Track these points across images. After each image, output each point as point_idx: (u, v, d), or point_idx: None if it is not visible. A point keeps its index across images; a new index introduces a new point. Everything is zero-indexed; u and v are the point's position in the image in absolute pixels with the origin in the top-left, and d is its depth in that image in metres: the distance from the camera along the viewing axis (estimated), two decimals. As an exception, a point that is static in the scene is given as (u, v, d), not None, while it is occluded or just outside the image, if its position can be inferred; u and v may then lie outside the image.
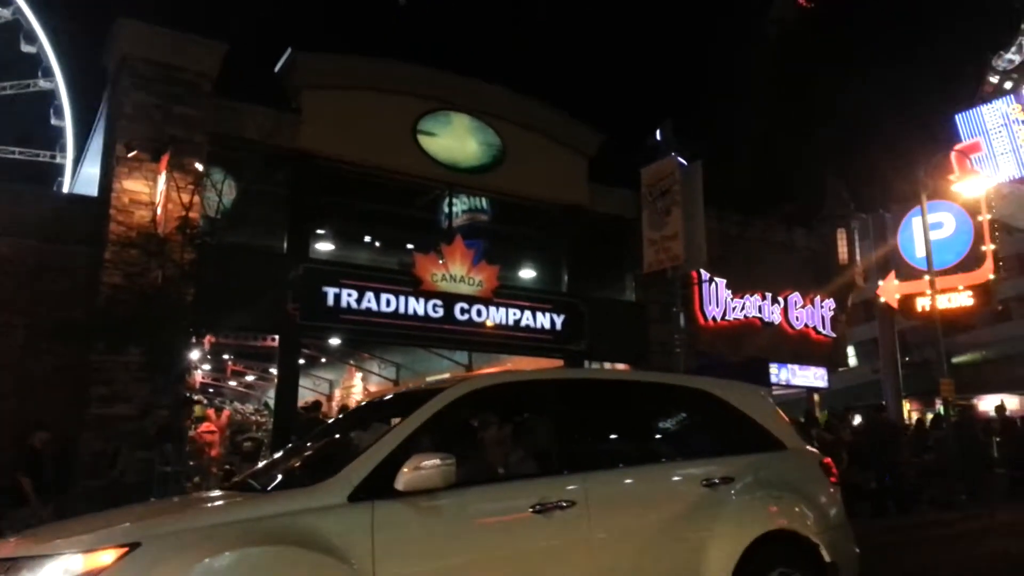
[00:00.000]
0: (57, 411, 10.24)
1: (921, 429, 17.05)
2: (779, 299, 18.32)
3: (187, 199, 10.65)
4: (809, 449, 5.42)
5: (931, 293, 15.56)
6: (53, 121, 35.73)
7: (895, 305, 18.89)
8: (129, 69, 11.57)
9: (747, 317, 17.74)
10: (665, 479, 4.59)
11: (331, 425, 5.65)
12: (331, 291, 12.77)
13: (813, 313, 18.90)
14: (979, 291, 17.78)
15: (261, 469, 4.93)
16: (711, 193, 15.46)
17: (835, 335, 19.45)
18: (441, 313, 13.68)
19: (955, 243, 17.94)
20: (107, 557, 3.11)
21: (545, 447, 4.41)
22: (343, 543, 3.43)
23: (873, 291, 20.03)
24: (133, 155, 11.15)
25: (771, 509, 4.64)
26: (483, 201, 15.49)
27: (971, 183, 17.73)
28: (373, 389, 20.30)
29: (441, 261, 13.72)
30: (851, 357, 34.14)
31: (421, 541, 3.64)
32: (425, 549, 3.64)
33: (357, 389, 21.57)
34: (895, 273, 18.90)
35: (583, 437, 4.59)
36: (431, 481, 3.63)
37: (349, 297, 12.91)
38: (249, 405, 25.81)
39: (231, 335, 17.56)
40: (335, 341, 17.68)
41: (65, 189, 27.16)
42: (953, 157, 19.25)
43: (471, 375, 12.68)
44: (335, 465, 3.80)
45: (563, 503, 3.98)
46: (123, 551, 3.13)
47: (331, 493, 3.60)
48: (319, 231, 14.25)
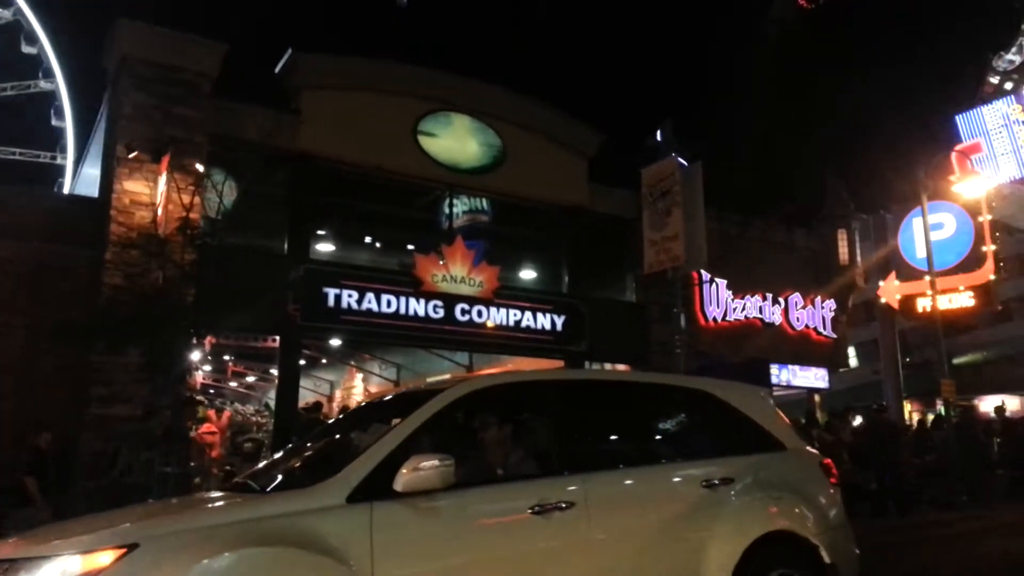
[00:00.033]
0: (57, 411, 10.24)
1: (922, 429, 17.05)
2: (780, 300, 18.30)
3: (187, 200, 10.65)
4: (809, 450, 5.42)
5: (932, 294, 15.57)
6: (53, 122, 35.74)
7: (896, 306, 18.89)
8: (129, 70, 11.57)
9: (748, 318, 17.72)
10: (665, 480, 4.59)
11: (330, 426, 5.65)
12: (332, 292, 12.76)
13: (814, 314, 18.88)
14: (980, 292, 17.77)
15: (260, 470, 4.93)
16: (711, 193, 15.45)
17: (836, 336, 19.42)
18: (442, 314, 13.67)
19: (956, 244, 17.93)
20: (105, 558, 3.11)
21: (545, 448, 4.40)
22: (342, 544, 3.43)
23: (874, 292, 20.02)
24: (133, 156, 11.15)
25: (771, 510, 4.63)
26: (483, 202, 15.48)
27: (972, 184, 17.73)
28: (374, 390, 20.29)
29: (442, 262, 13.71)
30: (852, 358, 33.90)
31: (420, 542, 3.63)
32: (424, 550, 3.63)
33: (358, 390, 21.57)
34: (896, 274, 18.88)
35: (583, 438, 4.58)
36: (430, 482, 3.62)
37: (350, 298, 12.90)
38: (250, 406, 25.78)
39: (232, 336, 17.59)
40: (336, 342, 17.68)
41: (66, 190, 27.17)
42: (953, 157, 19.24)
43: (471, 376, 12.69)
44: (334, 466, 3.79)
45: (562, 504, 3.97)
46: (121, 552, 3.13)
47: (329, 494, 3.59)
48: (319, 232, 14.25)
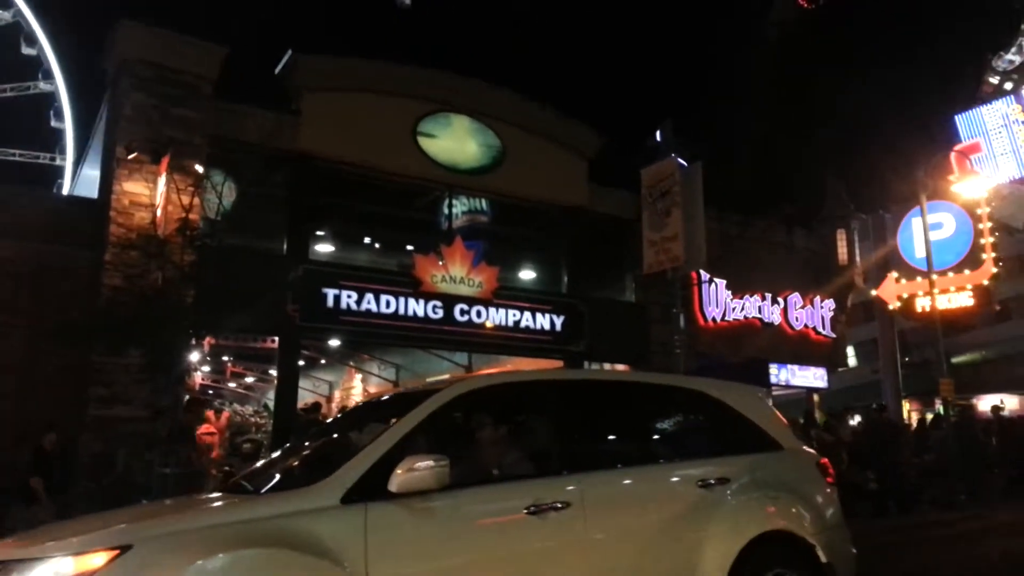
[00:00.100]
0: (58, 412, 10.24)
1: (922, 429, 17.04)
2: (779, 300, 18.29)
3: (187, 201, 10.65)
4: (806, 449, 5.42)
5: (931, 293, 15.56)
6: (53, 123, 35.77)
7: (895, 305, 18.88)
8: (129, 71, 11.58)
9: (747, 318, 17.71)
10: (661, 480, 4.59)
11: (326, 426, 5.65)
12: (331, 292, 12.76)
13: (813, 313, 18.87)
14: (979, 291, 17.77)
15: (255, 470, 4.93)
16: (711, 194, 15.44)
17: (835, 335, 19.42)
18: (441, 314, 13.67)
19: (955, 243, 17.93)
20: (98, 560, 3.10)
21: (541, 448, 4.41)
22: (336, 545, 3.43)
23: (873, 291, 20.02)
24: (133, 157, 11.15)
25: (767, 510, 4.63)
26: (483, 202, 15.47)
27: (971, 183, 17.73)
28: (373, 390, 20.28)
29: (441, 262, 13.70)
30: (851, 357, 34.12)
31: (414, 543, 3.63)
32: (418, 551, 3.63)
33: (357, 390, 21.56)
34: (895, 273, 18.89)
35: (579, 438, 4.58)
36: (425, 483, 3.62)
37: (349, 298, 12.90)
38: (249, 407, 25.76)
39: (231, 336, 17.59)
40: (335, 342, 17.68)
41: (65, 191, 27.17)
42: (953, 158, 19.25)
43: (468, 376, 12.68)
44: (329, 467, 3.79)
45: (558, 504, 3.97)
46: (114, 553, 3.12)
47: (324, 495, 3.59)
48: (319, 232, 14.25)
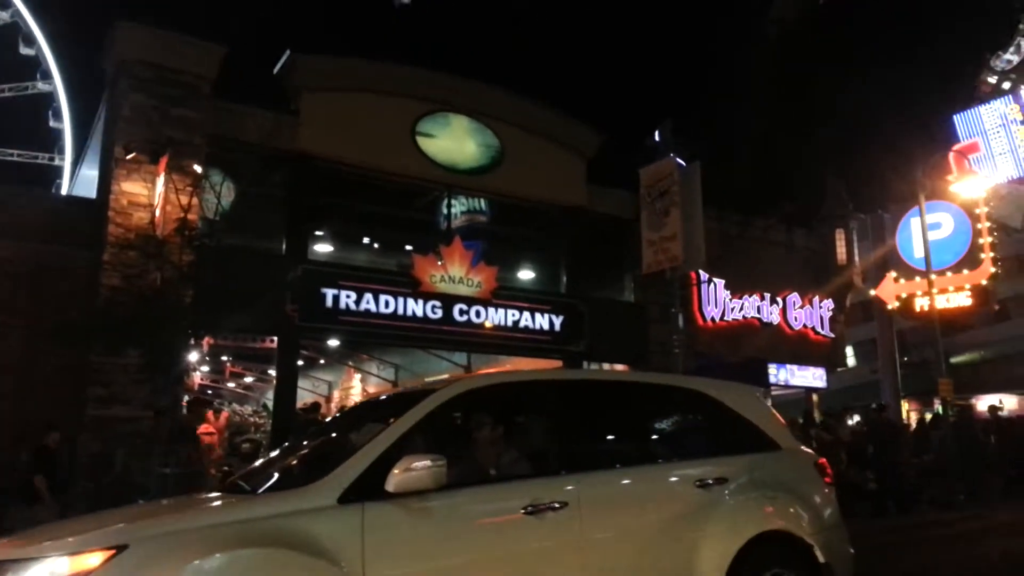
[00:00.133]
0: (57, 412, 10.22)
1: (921, 429, 17.04)
2: (778, 299, 18.29)
3: (186, 201, 10.66)
4: (804, 449, 5.43)
5: (929, 293, 15.56)
6: (52, 123, 35.79)
7: (893, 305, 18.88)
8: (128, 71, 11.58)
9: (746, 317, 17.71)
10: (658, 480, 4.59)
11: (324, 426, 5.64)
12: (330, 292, 12.76)
13: (812, 313, 18.87)
14: (977, 291, 17.78)
15: (253, 470, 4.93)
16: (711, 193, 15.41)
17: (834, 335, 19.42)
18: (440, 314, 13.67)
19: (953, 243, 17.95)
20: (94, 560, 3.10)
21: (538, 448, 4.41)
22: (333, 545, 3.43)
23: (871, 291, 20.02)
24: (132, 157, 11.15)
25: (765, 510, 4.63)
26: (482, 202, 15.47)
27: (969, 183, 17.73)
28: (372, 390, 20.28)
29: (440, 262, 13.70)
30: (850, 357, 34.06)
31: (411, 543, 3.63)
32: (415, 551, 3.63)
33: (356, 390, 21.56)
34: (894, 273, 18.89)
35: (576, 438, 4.58)
36: (422, 482, 3.62)
37: (348, 298, 12.90)
38: (248, 407, 25.75)
39: (230, 336, 17.57)
40: (334, 342, 17.67)
41: (64, 191, 27.12)
42: (951, 157, 19.22)
43: (466, 375, 12.68)
44: (326, 467, 3.79)
45: (555, 504, 3.97)
46: (110, 553, 3.12)
47: (321, 495, 3.59)
48: (318, 232, 14.25)
